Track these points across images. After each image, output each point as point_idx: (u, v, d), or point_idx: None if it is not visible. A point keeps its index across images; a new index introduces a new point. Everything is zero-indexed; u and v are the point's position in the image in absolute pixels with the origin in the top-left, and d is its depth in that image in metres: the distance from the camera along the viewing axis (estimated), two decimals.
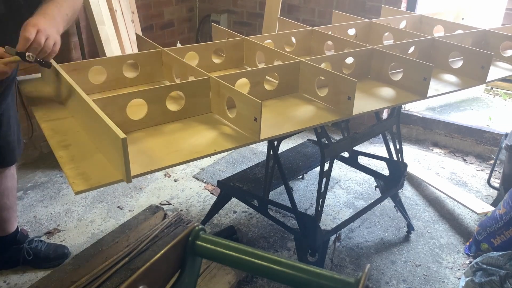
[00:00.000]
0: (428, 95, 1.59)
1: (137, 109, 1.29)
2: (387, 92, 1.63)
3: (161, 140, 1.25)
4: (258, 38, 1.81)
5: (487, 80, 1.74)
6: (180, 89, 1.35)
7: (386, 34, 2.05)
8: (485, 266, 1.86)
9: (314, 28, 1.93)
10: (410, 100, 1.61)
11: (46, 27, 1.27)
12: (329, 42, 1.89)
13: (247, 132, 1.27)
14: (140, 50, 1.74)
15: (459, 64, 1.82)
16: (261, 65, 1.72)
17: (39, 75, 1.63)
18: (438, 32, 2.20)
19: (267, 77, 1.58)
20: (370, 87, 1.66)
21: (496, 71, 1.88)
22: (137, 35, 1.82)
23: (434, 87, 1.67)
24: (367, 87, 1.65)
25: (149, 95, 1.29)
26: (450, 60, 1.84)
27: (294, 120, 1.38)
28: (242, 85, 1.45)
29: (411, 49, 1.86)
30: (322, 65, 1.58)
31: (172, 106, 1.36)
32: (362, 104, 1.50)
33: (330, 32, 1.95)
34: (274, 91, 1.54)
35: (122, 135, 0.99)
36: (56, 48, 1.32)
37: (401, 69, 1.65)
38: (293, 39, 1.92)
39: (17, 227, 2.04)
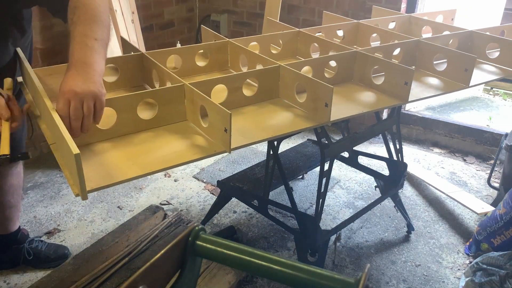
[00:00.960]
0: (409, 100, 1.56)
1: (108, 117, 1.23)
2: (368, 96, 1.60)
3: (127, 151, 1.20)
4: (243, 41, 1.77)
5: (471, 84, 1.71)
6: (152, 97, 1.29)
7: (374, 35, 2.03)
8: (485, 266, 1.87)
9: (301, 30, 1.91)
10: (391, 105, 1.58)
11: (78, 89, 1.09)
12: (316, 44, 1.87)
13: (219, 142, 1.23)
14: (125, 53, 1.70)
15: (444, 66, 1.80)
16: (245, 69, 1.68)
17: None
18: (427, 33, 2.19)
19: (249, 80, 1.55)
20: (352, 92, 1.63)
21: (481, 75, 1.85)
22: (122, 38, 1.78)
23: (416, 91, 1.64)
24: (349, 92, 1.62)
25: (118, 104, 1.23)
26: (435, 62, 1.82)
27: (268, 127, 1.35)
28: (221, 90, 1.41)
29: (397, 51, 1.84)
30: (304, 69, 1.55)
31: (147, 113, 1.31)
32: (343, 109, 1.47)
33: (319, 33, 1.94)
34: (254, 97, 1.50)
35: (75, 150, 0.94)
36: (100, 104, 1.12)
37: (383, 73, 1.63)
38: (280, 41, 1.90)
39: (19, 227, 2.04)
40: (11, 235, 2.00)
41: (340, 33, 2.06)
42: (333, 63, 1.68)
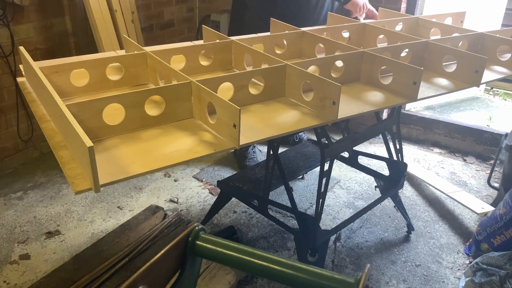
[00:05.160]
0: (418, 98, 1.57)
1: (116, 114, 1.25)
2: (376, 95, 1.61)
3: (136, 146, 1.21)
4: (247, 40, 1.77)
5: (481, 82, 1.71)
6: (160, 94, 1.31)
7: (381, 36, 2.02)
8: (485, 266, 1.87)
9: (306, 30, 1.91)
10: (398, 103, 1.59)
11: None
12: (321, 45, 1.86)
13: (226, 138, 1.24)
14: (127, 52, 1.71)
15: (453, 67, 1.79)
16: (249, 68, 1.68)
17: None
18: (435, 35, 2.18)
19: (254, 80, 1.54)
20: (359, 91, 1.63)
21: (489, 74, 1.85)
22: (123, 36, 1.78)
23: (425, 91, 1.64)
24: (356, 91, 1.62)
25: (126, 100, 1.24)
26: (444, 64, 1.81)
27: (276, 125, 1.36)
28: (227, 89, 1.42)
29: (404, 52, 1.82)
30: (311, 69, 1.54)
31: (153, 111, 1.32)
32: (350, 107, 1.47)
33: (324, 34, 1.93)
34: (260, 96, 1.50)
35: (89, 143, 0.95)
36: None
37: (392, 73, 1.62)
38: (284, 42, 1.89)
39: None
40: None
41: (346, 34, 2.05)
42: (339, 63, 1.68)
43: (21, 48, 1.51)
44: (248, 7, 2.49)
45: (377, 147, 3.25)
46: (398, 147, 2.12)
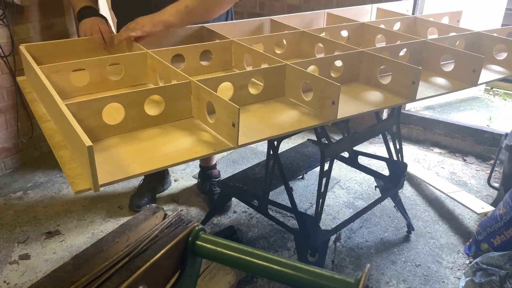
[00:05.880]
0: (416, 98, 1.56)
1: (116, 114, 1.25)
2: (375, 95, 1.60)
3: (136, 146, 1.21)
4: (247, 40, 1.77)
5: (479, 82, 1.70)
6: (159, 93, 1.31)
7: (379, 36, 2.02)
8: (485, 266, 1.87)
9: (305, 30, 1.91)
10: (398, 103, 1.59)
11: (142, 20, 1.66)
12: (320, 44, 1.86)
13: (225, 138, 1.24)
14: (127, 52, 1.71)
15: (451, 67, 1.79)
16: (249, 68, 1.68)
17: None
18: (433, 34, 2.18)
19: (254, 79, 1.54)
20: (358, 91, 1.63)
21: (488, 74, 1.84)
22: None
23: (421, 89, 1.63)
24: (355, 91, 1.62)
25: (126, 100, 1.25)
26: (441, 63, 1.81)
27: (275, 125, 1.36)
28: (226, 89, 1.42)
29: (403, 52, 1.82)
30: (310, 68, 1.54)
31: (153, 110, 1.32)
32: (349, 107, 1.47)
33: (323, 33, 1.93)
34: (260, 95, 1.51)
35: (88, 142, 0.96)
36: (138, 28, 1.66)
37: (390, 73, 1.62)
38: (284, 41, 1.89)
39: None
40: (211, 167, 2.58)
41: (344, 33, 2.05)
42: (339, 63, 1.67)
43: (22, 47, 1.51)
44: None
45: (377, 147, 3.25)
46: (398, 147, 2.12)
